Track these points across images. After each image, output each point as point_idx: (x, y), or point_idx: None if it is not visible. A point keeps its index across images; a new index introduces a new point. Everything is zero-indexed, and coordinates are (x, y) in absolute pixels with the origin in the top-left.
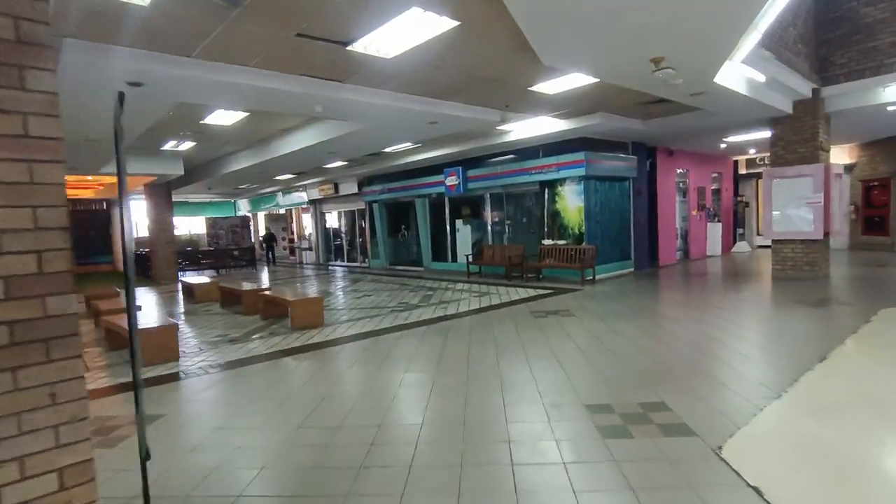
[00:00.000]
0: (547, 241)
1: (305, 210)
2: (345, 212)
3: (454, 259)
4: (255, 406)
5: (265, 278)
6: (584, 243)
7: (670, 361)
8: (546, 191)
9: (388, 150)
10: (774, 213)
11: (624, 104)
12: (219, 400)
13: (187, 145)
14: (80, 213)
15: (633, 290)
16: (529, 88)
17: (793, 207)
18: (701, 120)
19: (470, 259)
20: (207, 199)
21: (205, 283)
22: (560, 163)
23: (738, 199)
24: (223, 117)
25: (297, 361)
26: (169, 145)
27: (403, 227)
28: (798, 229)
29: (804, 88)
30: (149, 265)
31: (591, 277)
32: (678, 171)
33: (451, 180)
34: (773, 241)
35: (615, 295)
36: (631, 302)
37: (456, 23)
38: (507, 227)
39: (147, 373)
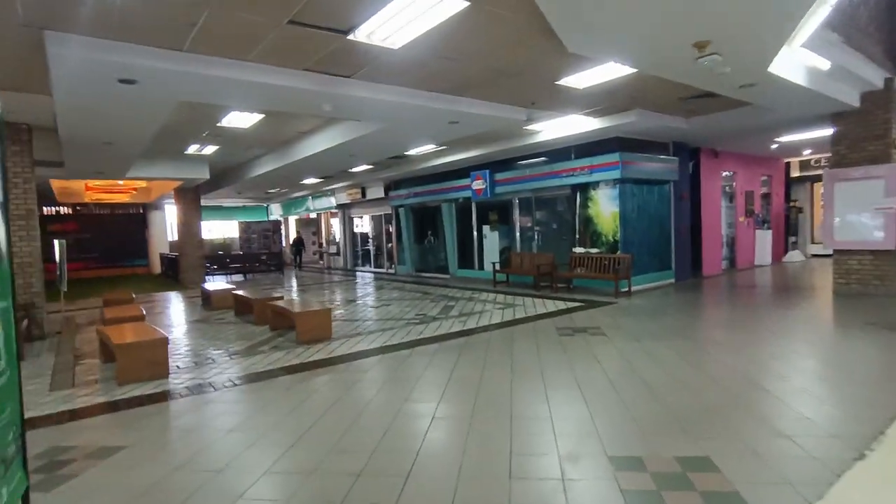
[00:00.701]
0: (578, 249)
1: (334, 215)
2: (372, 216)
3: (481, 267)
4: (228, 440)
5: (287, 284)
6: (618, 252)
7: (716, 399)
8: (578, 195)
9: (411, 153)
10: (836, 219)
11: (663, 99)
12: (192, 429)
13: (210, 149)
14: (117, 217)
15: (673, 305)
16: (556, 83)
17: (859, 213)
18: (751, 117)
19: (497, 267)
20: (241, 204)
21: (220, 290)
22: (593, 165)
23: (791, 204)
24: (239, 119)
25: (289, 384)
26: (192, 149)
27: (430, 232)
28: (865, 238)
29: (876, 78)
30: (178, 269)
31: (627, 289)
32: (724, 173)
33: (478, 184)
34: (835, 250)
35: (652, 310)
36: (670, 319)
37: (466, 3)
38: (536, 234)
39: (129, 391)
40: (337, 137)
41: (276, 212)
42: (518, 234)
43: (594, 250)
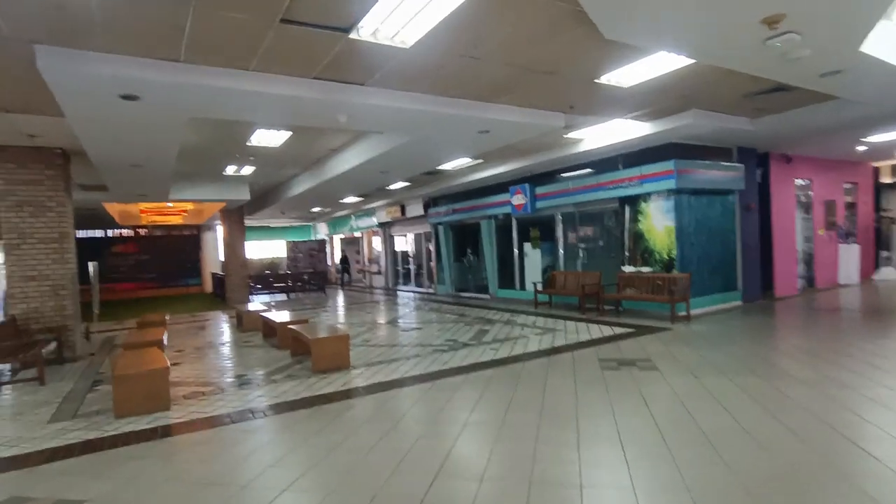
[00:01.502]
0: (628, 268)
1: (375, 233)
2: (412, 235)
3: (522, 286)
4: (201, 496)
5: (326, 304)
6: (674, 271)
7: (797, 460)
8: (627, 208)
9: (446, 167)
10: None
11: (725, 97)
12: (167, 479)
13: (248, 170)
14: (173, 239)
15: (740, 332)
16: (597, 81)
17: None
18: (833, 113)
19: (538, 287)
20: (287, 224)
21: (251, 312)
22: (644, 175)
23: (882, 214)
24: (267, 138)
25: (286, 424)
26: (230, 170)
27: (469, 250)
28: None
29: None
30: (224, 288)
31: (685, 313)
32: (798, 181)
33: (518, 199)
34: None
35: (715, 338)
36: (737, 349)
37: None
38: (580, 251)
39: (121, 427)
40: (365, 153)
41: (321, 231)
42: (561, 251)
43: (646, 269)
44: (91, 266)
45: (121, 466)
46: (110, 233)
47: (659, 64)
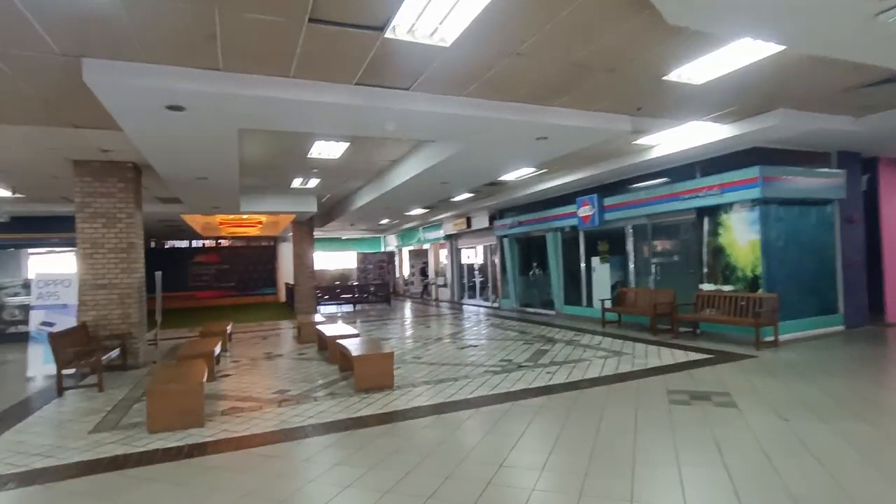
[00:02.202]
0: (706, 286)
1: (443, 245)
2: (478, 247)
3: (589, 303)
4: None
5: (388, 317)
6: (760, 290)
7: None
8: (705, 220)
9: (509, 178)
10: None
11: (820, 92)
12: None
13: (313, 182)
14: (251, 249)
15: (841, 364)
16: (665, 78)
17: None
18: None
19: (606, 305)
20: (359, 235)
21: (309, 324)
22: (724, 183)
23: None
24: (326, 149)
25: (311, 452)
26: (296, 182)
27: (535, 264)
28: None
29: None
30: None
31: (772, 339)
32: None
33: (585, 211)
34: None
35: (809, 370)
36: (837, 385)
37: None
38: (653, 267)
39: (151, 443)
40: (422, 163)
41: (391, 243)
42: (632, 266)
43: (727, 288)
44: (157, 276)
45: (135, 490)
46: (195, 243)
47: (737, 55)
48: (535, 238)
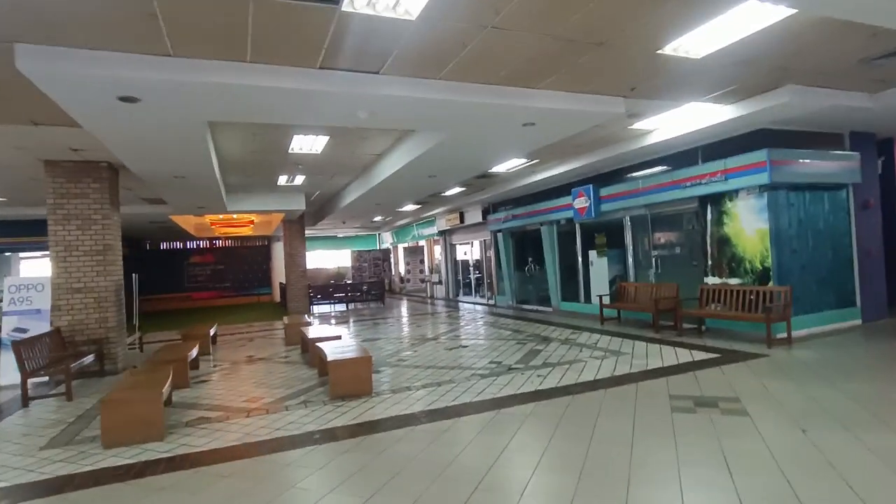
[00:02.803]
0: (711, 280)
1: (437, 242)
2: (472, 243)
3: (587, 299)
4: None
5: (380, 315)
6: (770, 283)
7: None
8: (709, 209)
9: (500, 170)
10: None
11: (833, 64)
12: None
13: (300, 179)
14: (245, 249)
15: (862, 361)
16: (660, 52)
17: None
18: None
19: (604, 301)
20: (354, 233)
21: (294, 325)
22: (729, 168)
23: None
24: (307, 144)
25: (270, 469)
26: (282, 180)
27: (531, 259)
28: None
29: None
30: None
31: (784, 335)
32: None
33: (580, 202)
34: None
35: (827, 370)
36: (860, 388)
37: None
38: (654, 260)
39: (103, 460)
40: (406, 156)
41: (387, 240)
42: (631, 260)
43: (734, 281)
44: (135, 278)
45: None
46: (190, 244)
47: (742, 23)
48: (530, 232)
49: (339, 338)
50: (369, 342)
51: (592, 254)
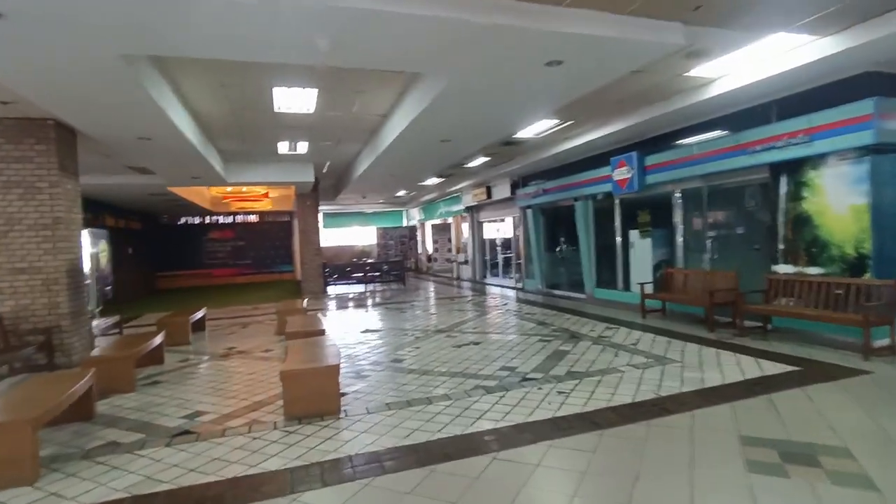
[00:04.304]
0: (784, 268)
1: (464, 219)
2: (500, 220)
3: (626, 286)
4: None
5: (395, 299)
6: (867, 274)
7: None
8: (783, 180)
9: (527, 135)
10: None
11: None
12: None
13: (303, 147)
14: (266, 225)
15: None
16: None
17: None
18: None
19: (647, 290)
20: (380, 210)
21: (285, 312)
22: (815, 127)
23: None
24: (293, 100)
25: None
26: (283, 148)
27: (562, 239)
28: None
29: None
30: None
31: (888, 342)
32: None
33: (621, 173)
34: None
35: None
36: None
37: None
38: (708, 243)
39: None
40: (409, 112)
41: (415, 217)
42: (680, 241)
43: (814, 270)
44: (101, 254)
45: None
46: (208, 220)
47: None
48: (563, 208)
49: (322, 333)
50: (370, 334)
51: (634, 234)
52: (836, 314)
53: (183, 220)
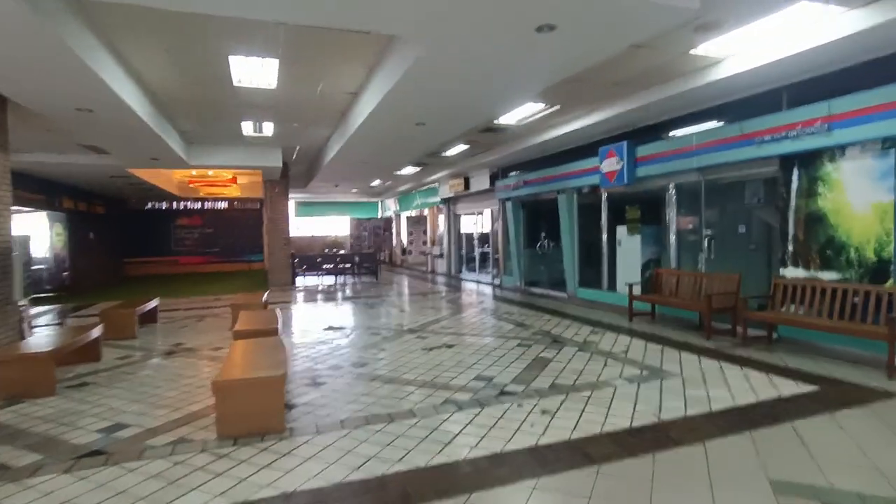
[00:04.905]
0: (792, 272)
1: (440, 211)
2: (481, 212)
3: (612, 286)
4: None
5: (364, 293)
6: (890, 281)
7: None
8: (795, 173)
9: (510, 122)
10: None
11: None
12: None
13: (269, 128)
14: (236, 212)
15: None
16: None
17: None
18: None
19: (635, 291)
20: (354, 200)
21: (240, 306)
22: (835, 115)
23: None
24: (252, 73)
25: None
26: (248, 129)
27: (543, 234)
28: None
29: None
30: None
31: None
32: None
33: (610, 164)
34: None
35: None
36: None
37: None
38: (705, 241)
39: None
40: (381, 87)
41: (391, 208)
42: (673, 239)
43: (828, 275)
44: (18, 239)
45: None
46: (176, 206)
47: None
48: (545, 202)
49: (274, 332)
50: (334, 332)
51: (621, 230)
52: (857, 326)
53: (149, 206)
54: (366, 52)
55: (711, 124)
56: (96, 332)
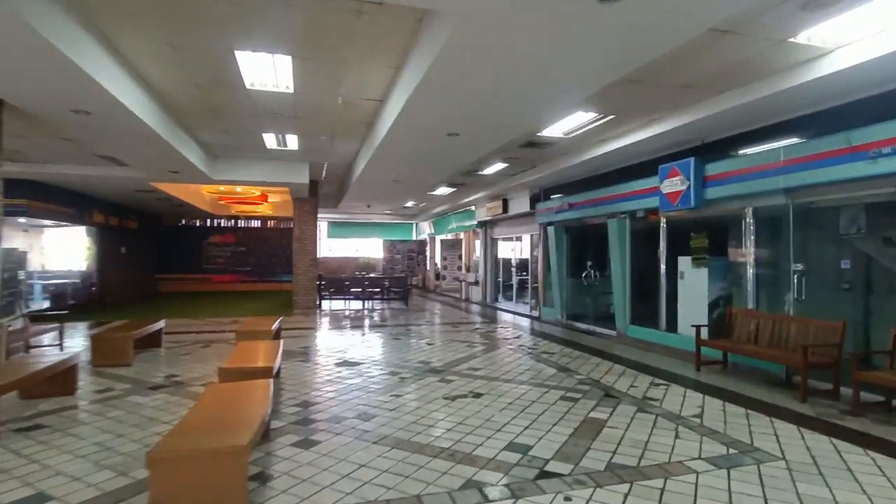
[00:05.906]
0: None
1: (476, 235)
2: (516, 238)
3: (671, 327)
4: None
5: (389, 321)
6: None
7: None
8: None
9: (554, 134)
10: None
11: None
12: None
13: (293, 141)
14: (269, 231)
15: None
16: None
17: None
18: None
19: (703, 334)
20: (388, 221)
21: (246, 333)
22: None
23: None
24: (265, 73)
25: None
26: (271, 141)
27: (590, 263)
28: None
29: None
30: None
31: None
32: None
33: (672, 184)
34: None
35: None
36: None
37: None
38: (794, 278)
39: None
40: (408, 85)
41: (425, 230)
42: (751, 273)
43: None
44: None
45: None
46: (209, 223)
47: None
48: (592, 227)
49: (268, 374)
50: (347, 369)
51: (684, 262)
52: None
53: (183, 222)
54: (390, 47)
55: (793, 140)
56: (73, 360)
